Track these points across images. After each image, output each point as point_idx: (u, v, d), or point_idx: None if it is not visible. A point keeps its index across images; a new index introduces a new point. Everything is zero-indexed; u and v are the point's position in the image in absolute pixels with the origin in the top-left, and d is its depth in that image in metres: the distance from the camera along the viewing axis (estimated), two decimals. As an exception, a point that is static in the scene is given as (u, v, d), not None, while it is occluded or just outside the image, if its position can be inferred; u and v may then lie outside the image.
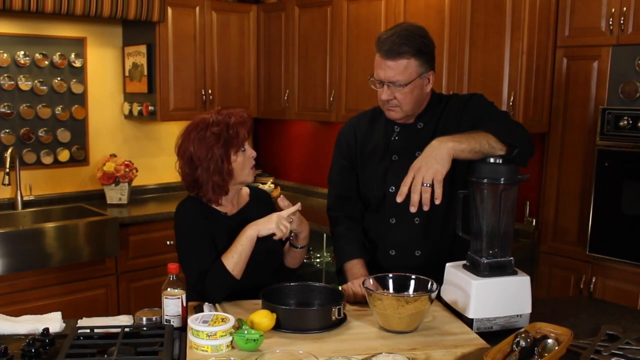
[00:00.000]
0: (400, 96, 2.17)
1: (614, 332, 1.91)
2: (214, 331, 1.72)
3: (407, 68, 2.14)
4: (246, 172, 2.25)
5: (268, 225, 2.12)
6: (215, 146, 2.17)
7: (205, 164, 2.18)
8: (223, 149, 2.17)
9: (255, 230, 2.12)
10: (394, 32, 2.16)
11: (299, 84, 4.52)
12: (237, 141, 2.19)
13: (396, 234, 2.31)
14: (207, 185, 2.20)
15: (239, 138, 2.19)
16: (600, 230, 3.20)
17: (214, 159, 2.17)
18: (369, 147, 2.35)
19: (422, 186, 1.86)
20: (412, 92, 2.18)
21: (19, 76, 4.11)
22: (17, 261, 3.54)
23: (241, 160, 2.22)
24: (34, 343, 1.79)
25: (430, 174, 1.85)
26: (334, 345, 1.79)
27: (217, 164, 2.17)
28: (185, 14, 4.40)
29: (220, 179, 2.19)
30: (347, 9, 4.10)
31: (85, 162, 4.48)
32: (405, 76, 2.15)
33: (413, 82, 2.16)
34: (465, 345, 1.78)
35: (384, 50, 2.15)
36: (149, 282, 4.08)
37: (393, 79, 2.15)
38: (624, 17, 3.08)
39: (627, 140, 3.07)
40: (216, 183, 2.20)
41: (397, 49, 2.12)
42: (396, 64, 2.14)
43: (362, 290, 2.01)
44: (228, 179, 2.21)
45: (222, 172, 2.18)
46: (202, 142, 2.18)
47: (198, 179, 2.21)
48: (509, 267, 1.99)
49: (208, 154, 2.17)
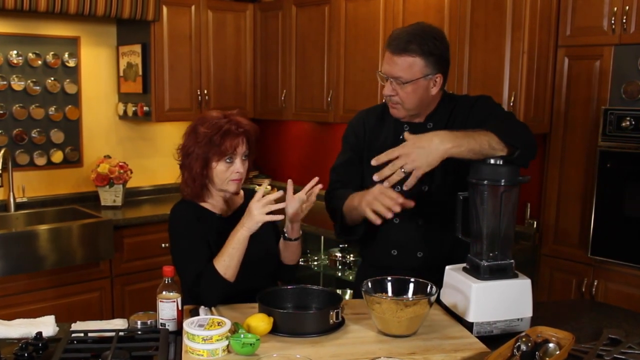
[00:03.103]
0: (403, 94, 2.18)
1: (616, 336, 1.90)
2: (210, 335, 1.71)
3: (411, 66, 2.14)
4: (225, 183, 2.23)
5: (252, 219, 2.07)
6: (198, 145, 2.18)
7: (186, 159, 2.22)
8: (203, 150, 2.18)
9: (246, 230, 2.08)
10: (407, 29, 2.19)
11: (296, 84, 4.51)
12: (218, 150, 2.17)
13: (399, 234, 2.30)
14: (189, 175, 2.23)
15: (220, 147, 2.17)
16: (602, 232, 3.19)
17: (192, 155, 2.20)
18: (377, 144, 2.34)
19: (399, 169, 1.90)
20: (415, 92, 2.17)
21: (12, 76, 4.09)
22: (10, 264, 3.52)
23: (221, 170, 2.20)
24: (27, 347, 1.78)
25: (411, 167, 1.90)
26: (332, 349, 1.78)
27: (191, 161, 2.20)
28: (181, 13, 4.39)
29: (189, 177, 2.22)
30: (345, 8, 4.09)
31: (79, 163, 4.46)
32: (409, 74, 2.14)
33: (416, 81, 2.15)
34: (465, 349, 1.77)
35: (392, 45, 2.16)
36: (143, 285, 4.06)
37: (396, 74, 2.16)
38: (626, 16, 3.07)
39: (629, 141, 3.06)
40: (186, 179, 2.24)
41: (405, 45, 2.13)
42: (401, 60, 2.14)
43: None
44: (198, 181, 2.21)
45: (192, 172, 2.20)
46: (191, 135, 2.22)
47: (185, 168, 2.25)
48: (510, 270, 1.98)
49: (191, 148, 2.20)
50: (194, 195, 2.25)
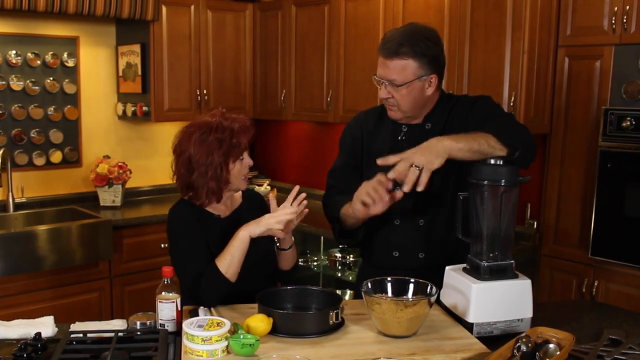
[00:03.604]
0: (398, 96, 2.17)
1: (617, 336, 1.90)
2: (209, 336, 1.71)
3: (404, 69, 2.13)
4: (240, 180, 2.24)
5: (259, 227, 2.10)
6: (217, 152, 2.15)
7: (203, 169, 2.16)
8: (223, 157, 2.16)
9: (248, 231, 2.10)
10: (399, 31, 2.17)
11: (296, 84, 4.50)
12: (238, 150, 2.18)
13: (400, 235, 2.29)
14: (202, 190, 2.19)
15: (240, 147, 2.18)
16: (603, 233, 3.18)
17: (213, 165, 2.15)
18: (375, 146, 2.33)
19: (411, 167, 1.88)
20: (410, 94, 2.17)
21: (11, 76, 4.08)
22: (9, 264, 3.51)
23: (238, 169, 2.21)
24: (26, 348, 1.77)
25: (422, 161, 1.88)
26: (332, 350, 1.78)
27: (215, 170, 2.16)
28: (180, 13, 4.38)
29: (216, 185, 2.18)
30: (345, 8, 4.08)
31: (78, 163, 4.45)
32: (402, 77, 2.14)
33: (410, 83, 2.15)
34: (465, 350, 1.77)
35: (384, 49, 2.16)
36: (143, 286, 4.05)
37: (389, 78, 2.16)
38: (626, 15, 3.06)
39: (630, 141, 3.06)
40: (211, 189, 2.18)
41: (396, 49, 2.12)
42: (393, 64, 2.14)
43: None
44: (224, 187, 2.20)
45: (220, 179, 2.17)
46: (203, 145, 2.15)
47: (193, 183, 2.19)
48: (510, 271, 1.98)
49: (208, 159, 2.15)
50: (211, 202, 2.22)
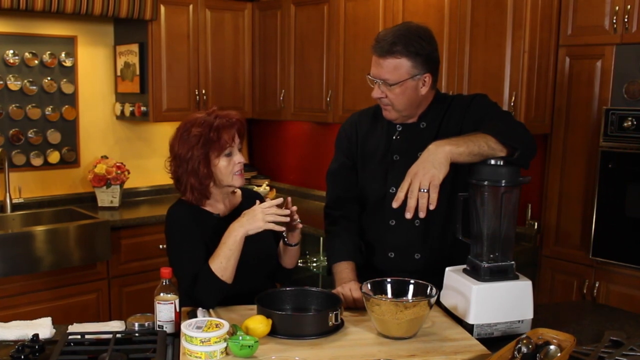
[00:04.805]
0: (392, 95, 2.17)
1: (618, 338, 1.90)
2: (208, 337, 1.70)
3: (397, 68, 2.13)
4: (230, 177, 2.22)
5: (255, 223, 2.06)
6: (195, 147, 2.16)
7: (185, 165, 2.17)
8: (202, 151, 2.16)
9: (243, 230, 2.07)
10: (392, 30, 2.16)
11: (295, 84, 4.49)
12: (217, 145, 2.16)
13: (396, 236, 2.28)
14: (186, 186, 2.20)
15: (220, 142, 2.16)
16: (604, 233, 3.18)
17: (193, 160, 2.16)
18: (370, 146, 2.33)
19: (419, 192, 1.84)
20: (404, 93, 2.16)
21: (8, 76, 4.07)
22: (6, 265, 3.50)
23: (224, 165, 2.19)
24: (24, 349, 1.77)
25: (427, 179, 1.84)
26: (331, 351, 1.77)
27: (194, 165, 2.16)
28: (179, 12, 4.38)
29: (196, 181, 2.18)
30: (344, 7, 4.08)
31: (75, 163, 4.44)
32: (395, 76, 2.14)
33: (403, 82, 2.14)
34: (466, 351, 1.77)
35: (377, 47, 2.15)
36: (141, 287, 4.04)
37: (383, 77, 2.15)
38: (628, 15, 3.06)
39: (631, 142, 3.06)
40: (193, 185, 2.18)
41: (390, 48, 2.12)
42: (387, 63, 2.14)
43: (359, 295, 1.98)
44: (206, 182, 2.19)
45: (198, 175, 2.17)
46: (184, 141, 2.18)
47: (180, 178, 2.21)
48: (510, 272, 1.97)
49: (188, 154, 2.16)
50: (199, 199, 2.22)
